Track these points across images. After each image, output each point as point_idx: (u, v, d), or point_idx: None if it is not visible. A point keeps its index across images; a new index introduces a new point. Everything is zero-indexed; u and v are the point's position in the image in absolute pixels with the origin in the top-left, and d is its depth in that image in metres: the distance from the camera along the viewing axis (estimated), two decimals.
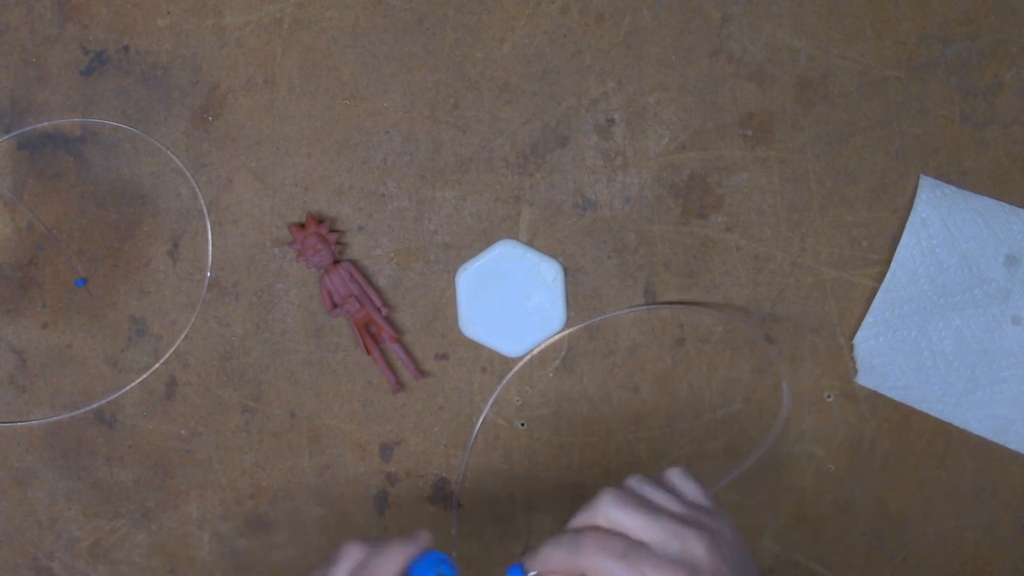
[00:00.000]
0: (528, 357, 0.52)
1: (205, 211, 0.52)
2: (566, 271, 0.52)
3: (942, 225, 0.51)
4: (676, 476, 0.40)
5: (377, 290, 0.52)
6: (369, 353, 0.52)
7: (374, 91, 0.51)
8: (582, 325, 0.52)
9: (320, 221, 0.51)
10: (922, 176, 0.51)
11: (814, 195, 0.51)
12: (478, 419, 0.53)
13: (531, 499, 0.53)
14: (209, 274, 0.52)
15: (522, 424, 0.53)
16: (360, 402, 0.53)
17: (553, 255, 0.52)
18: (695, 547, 0.36)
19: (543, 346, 0.52)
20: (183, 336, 0.52)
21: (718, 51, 0.51)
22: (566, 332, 0.52)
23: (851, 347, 0.52)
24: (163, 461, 0.53)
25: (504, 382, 0.52)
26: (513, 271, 0.51)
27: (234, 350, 0.52)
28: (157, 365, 0.53)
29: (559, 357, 0.53)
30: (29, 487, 0.54)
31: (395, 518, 0.54)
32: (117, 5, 0.51)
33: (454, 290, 0.52)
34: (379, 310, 0.51)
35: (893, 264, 0.51)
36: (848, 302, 0.52)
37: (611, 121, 0.51)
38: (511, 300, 0.51)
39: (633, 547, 0.36)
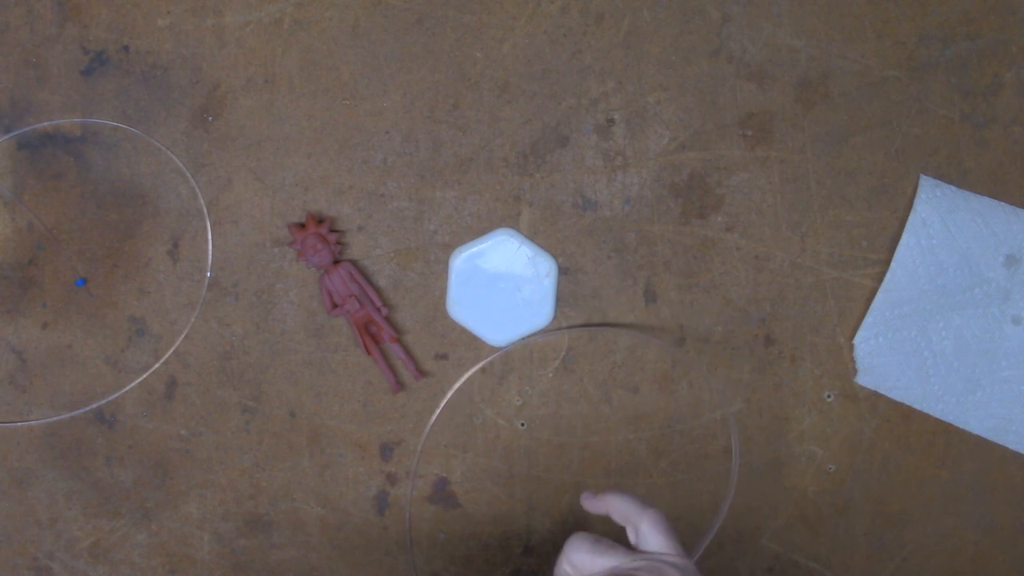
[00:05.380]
0: (504, 350, 0.52)
1: (205, 211, 0.52)
2: (561, 268, 0.52)
3: (942, 225, 0.51)
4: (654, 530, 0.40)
5: (377, 290, 0.52)
6: (369, 353, 0.52)
7: (374, 91, 0.51)
8: (559, 330, 0.52)
9: (320, 221, 0.51)
10: (922, 176, 0.51)
11: (814, 195, 0.51)
12: (441, 402, 0.53)
13: (531, 499, 0.53)
14: (209, 274, 0.52)
15: (522, 424, 0.53)
16: (360, 402, 0.53)
17: (552, 255, 0.52)
18: None
19: (524, 340, 0.52)
20: (183, 336, 0.52)
21: (718, 51, 0.51)
22: (550, 331, 0.52)
23: (851, 347, 0.52)
24: (163, 461, 0.53)
25: (474, 369, 0.52)
26: (508, 261, 0.51)
27: (234, 350, 0.52)
28: (157, 365, 0.53)
29: (559, 357, 0.53)
30: (29, 487, 0.54)
31: (395, 518, 0.54)
32: (117, 5, 0.51)
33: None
34: (379, 310, 0.51)
35: (893, 264, 0.51)
36: (848, 302, 0.52)
37: (611, 121, 0.51)
38: (501, 289, 0.51)
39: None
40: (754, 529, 0.54)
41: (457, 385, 0.52)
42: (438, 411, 0.52)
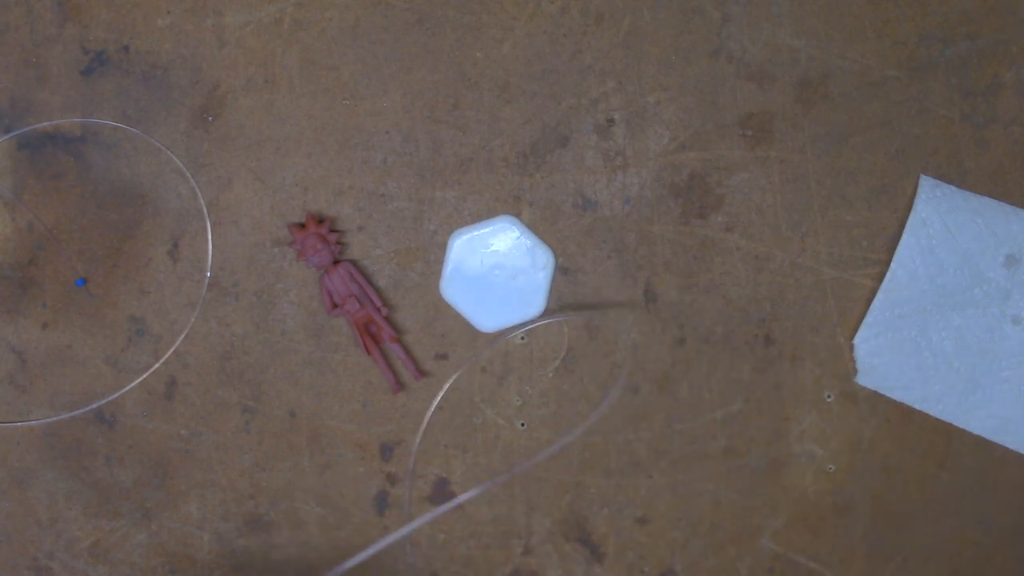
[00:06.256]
0: (496, 343, 0.52)
1: (205, 211, 0.52)
2: (561, 268, 0.52)
3: (942, 225, 0.51)
4: None
5: (377, 290, 0.52)
6: (369, 353, 0.52)
7: (374, 91, 0.51)
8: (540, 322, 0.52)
9: (320, 221, 0.51)
10: (922, 176, 0.51)
11: (814, 195, 0.51)
12: (436, 400, 0.53)
13: (531, 499, 0.53)
14: (209, 274, 0.52)
15: (522, 424, 0.53)
16: (360, 402, 0.53)
17: (552, 250, 0.52)
18: None
19: (524, 328, 0.52)
20: (183, 336, 0.52)
21: (718, 51, 0.51)
22: (541, 322, 0.52)
23: (851, 347, 0.52)
24: (163, 461, 0.53)
25: (467, 366, 0.52)
26: (506, 248, 0.51)
27: (234, 350, 0.52)
28: (157, 365, 0.53)
29: (559, 357, 0.53)
30: (29, 487, 0.54)
31: (395, 518, 0.54)
32: (117, 5, 0.51)
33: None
34: (379, 310, 0.51)
35: (893, 264, 0.51)
36: (848, 302, 0.52)
37: (611, 121, 0.51)
38: (497, 276, 0.52)
39: None
40: (754, 529, 0.54)
41: (449, 383, 0.52)
42: (433, 407, 0.53)
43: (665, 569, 0.54)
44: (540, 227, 0.52)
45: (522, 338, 0.53)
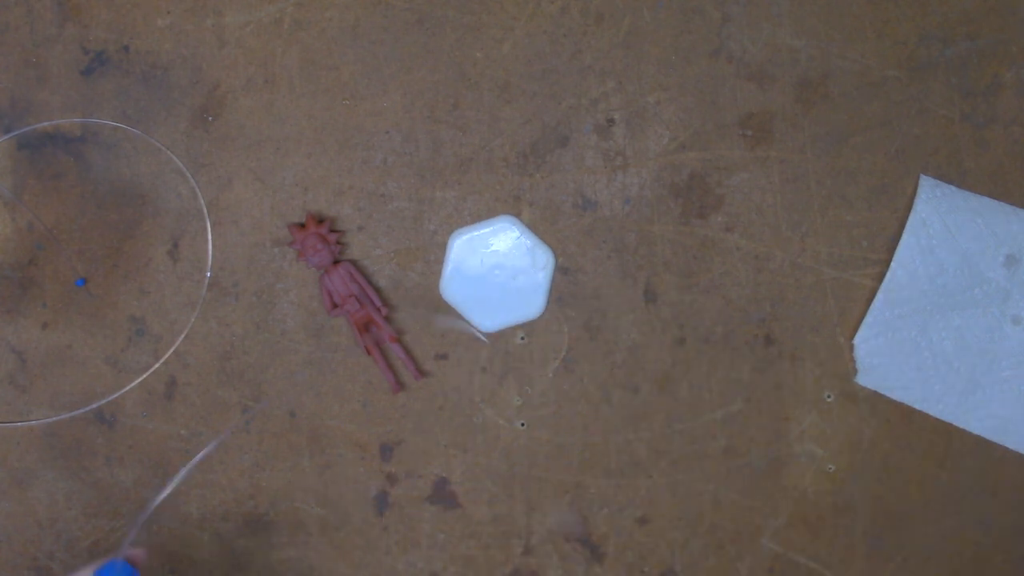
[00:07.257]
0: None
1: (205, 211, 0.52)
2: (561, 268, 0.52)
3: (942, 225, 0.51)
4: None
5: (377, 290, 0.52)
6: (369, 353, 0.52)
7: (374, 91, 0.51)
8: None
9: (320, 221, 0.51)
10: (922, 176, 0.51)
11: (814, 195, 0.51)
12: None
13: (531, 499, 0.53)
14: (209, 274, 0.52)
15: (522, 424, 0.53)
16: (360, 402, 0.53)
17: (552, 250, 0.52)
18: None
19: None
20: (183, 336, 0.52)
21: (718, 51, 0.51)
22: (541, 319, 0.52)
23: (851, 347, 0.52)
24: (163, 461, 0.53)
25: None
26: (506, 248, 0.51)
27: (234, 350, 0.52)
28: (157, 365, 0.53)
29: (559, 357, 0.53)
30: (29, 487, 0.54)
31: (395, 518, 0.54)
32: (117, 5, 0.51)
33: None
34: (379, 310, 0.51)
35: (893, 264, 0.51)
36: (848, 302, 0.52)
37: (611, 121, 0.51)
38: (497, 276, 0.52)
39: None
40: (754, 529, 0.54)
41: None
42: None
43: (665, 569, 0.54)
44: (540, 227, 0.52)
45: (522, 338, 0.53)
